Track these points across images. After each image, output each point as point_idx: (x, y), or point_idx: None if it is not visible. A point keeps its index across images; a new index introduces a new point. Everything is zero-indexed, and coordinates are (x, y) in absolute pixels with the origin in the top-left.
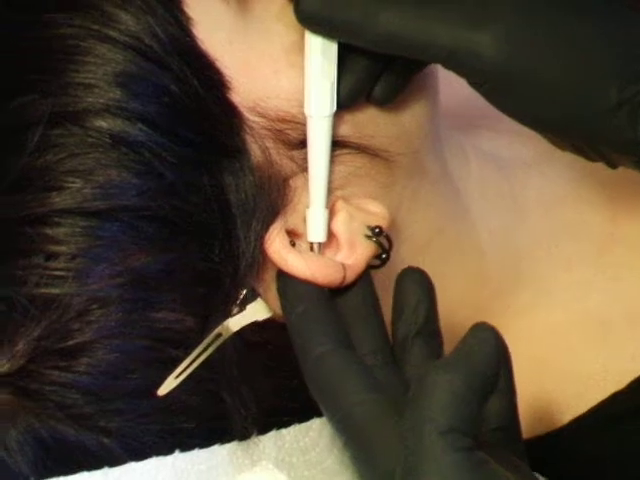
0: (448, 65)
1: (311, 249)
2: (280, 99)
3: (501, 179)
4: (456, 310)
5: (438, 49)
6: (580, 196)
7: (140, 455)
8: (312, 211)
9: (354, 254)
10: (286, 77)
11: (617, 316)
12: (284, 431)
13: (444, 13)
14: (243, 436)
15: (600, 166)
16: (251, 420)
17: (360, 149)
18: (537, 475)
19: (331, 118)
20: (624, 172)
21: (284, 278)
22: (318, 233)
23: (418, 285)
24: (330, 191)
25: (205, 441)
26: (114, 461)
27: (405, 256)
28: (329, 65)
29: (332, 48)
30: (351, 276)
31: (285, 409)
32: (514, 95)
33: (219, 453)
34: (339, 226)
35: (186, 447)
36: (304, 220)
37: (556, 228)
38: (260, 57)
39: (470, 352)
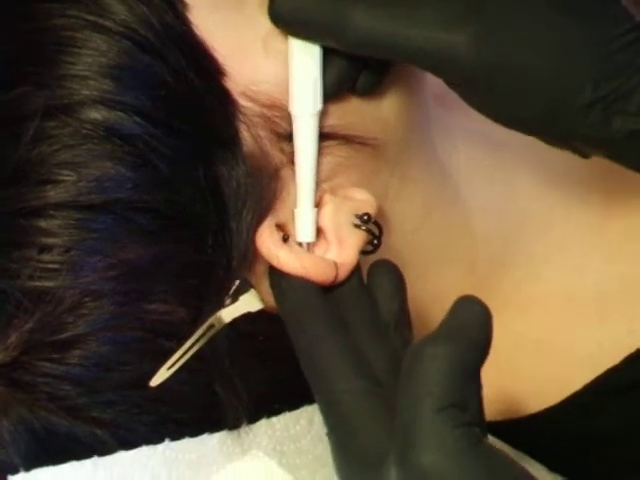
0: (423, 67)
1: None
2: (270, 84)
3: (492, 159)
4: (447, 292)
5: (412, 51)
6: (574, 176)
7: (130, 444)
8: (300, 211)
9: (344, 250)
10: (276, 61)
11: (612, 294)
12: (274, 419)
13: (417, 12)
14: (234, 425)
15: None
16: (243, 410)
17: (346, 140)
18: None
19: (316, 116)
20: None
21: (276, 273)
22: (307, 233)
23: (390, 277)
24: (317, 185)
25: (195, 430)
26: (104, 450)
27: (395, 241)
28: (312, 63)
29: (314, 46)
30: (344, 273)
31: (276, 397)
32: (489, 95)
33: (209, 442)
34: (326, 221)
35: (176, 436)
36: (293, 214)
37: (549, 208)
38: (252, 40)
39: (464, 325)
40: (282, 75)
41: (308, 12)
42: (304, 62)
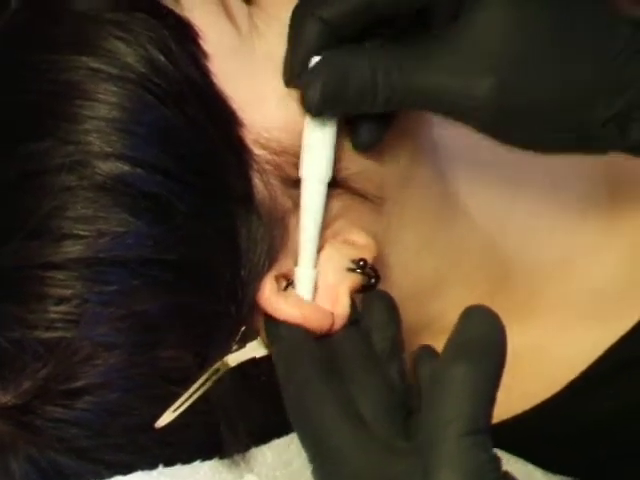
0: (450, 116)
1: None
2: (281, 130)
3: (491, 178)
4: (448, 312)
5: (441, 103)
6: (575, 192)
7: (125, 468)
8: (300, 271)
9: (331, 294)
10: (288, 107)
11: (615, 299)
12: (266, 446)
13: (440, 65)
14: (229, 455)
15: (597, 161)
16: (241, 443)
17: (349, 190)
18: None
19: (326, 184)
20: (621, 165)
21: (271, 320)
22: (306, 292)
23: (383, 307)
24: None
25: (189, 457)
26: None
27: (396, 272)
28: (329, 133)
29: (332, 119)
30: (339, 323)
31: (270, 427)
32: (508, 132)
33: (201, 469)
34: (323, 266)
35: (169, 462)
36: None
37: (551, 225)
38: (266, 85)
39: (480, 339)
40: (292, 120)
41: (341, 89)
42: (320, 132)
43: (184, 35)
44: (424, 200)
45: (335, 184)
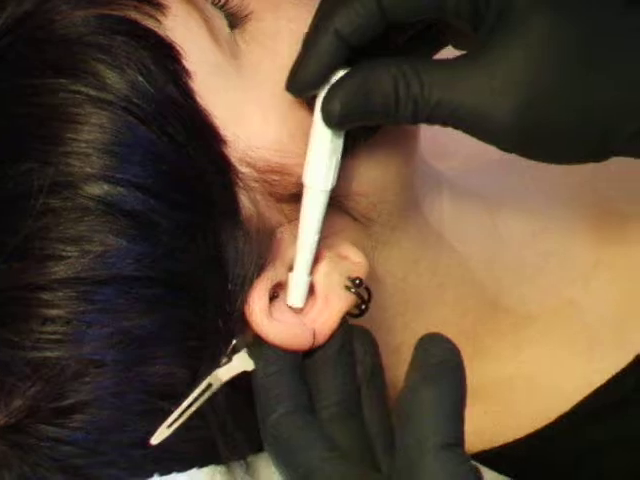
0: (470, 134)
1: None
2: (268, 149)
3: (481, 210)
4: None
5: (461, 121)
6: (564, 224)
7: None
8: (295, 276)
9: (328, 311)
10: (276, 127)
11: (603, 334)
12: (263, 454)
13: (467, 83)
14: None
15: (583, 191)
16: (238, 453)
17: (342, 208)
18: None
19: (328, 193)
20: (607, 196)
21: (256, 340)
22: (297, 299)
23: (362, 341)
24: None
25: (184, 465)
26: None
27: (384, 290)
28: (336, 141)
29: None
30: (322, 338)
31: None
32: (534, 149)
33: (197, 476)
34: (319, 278)
35: (165, 470)
36: (289, 271)
37: (540, 256)
38: (251, 104)
39: (444, 363)
40: (281, 139)
41: (363, 103)
42: (329, 141)
43: (165, 55)
44: (409, 227)
45: (332, 201)
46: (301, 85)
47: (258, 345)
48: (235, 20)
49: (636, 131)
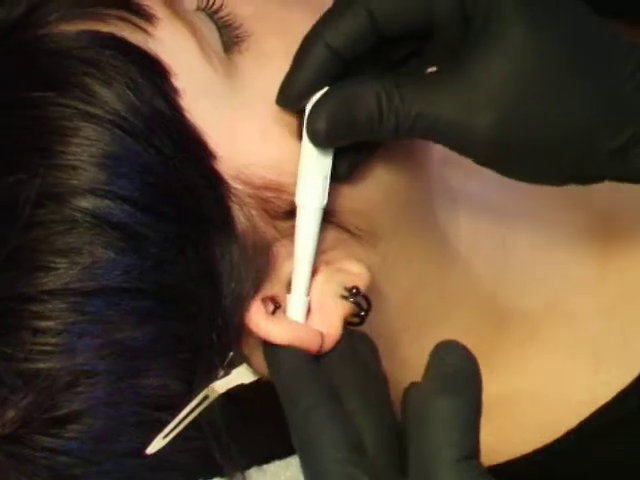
0: (448, 146)
1: None
2: (265, 167)
3: (491, 222)
4: None
5: (441, 135)
6: (573, 235)
7: None
8: (293, 298)
9: (326, 320)
10: (273, 145)
11: (610, 343)
12: (265, 467)
13: (446, 99)
14: (227, 475)
15: (591, 203)
16: (237, 465)
17: (340, 226)
18: None
19: (322, 210)
20: (614, 207)
21: (268, 345)
22: (298, 315)
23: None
24: (313, 264)
25: (187, 476)
26: None
27: (390, 305)
28: (325, 161)
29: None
30: (329, 342)
31: (267, 449)
32: (513, 166)
33: None
34: (314, 290)
35: None
36: (286, 286)
37: (548, 270)
38: (246, 123)
39: (459, 372)
40: (278, 158)
41: (348, 120)
42: (317, 159)
43: (152, 71)
44: (419, 238)
45: (328, 217)
46: (289, 98)
47: (270, 351)
48: (230, 37)
49: (616, 148)
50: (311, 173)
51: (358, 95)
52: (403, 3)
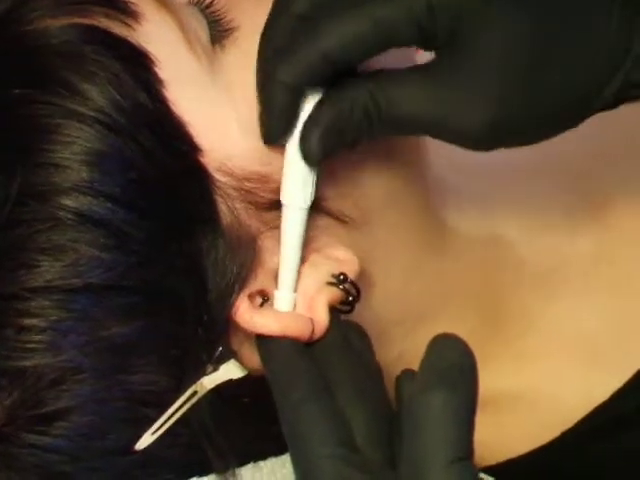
0: (443, 140)
1: None
2: (247, 158)
3: (481, 214)
4: None
5: (436, 131)
6: (566, 226)
7: None
8: (280, 294)
9: (312, 307)
10: (254, 136)
11: (604, 344)
12: (262, 463)
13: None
14: (221, 471)
15: (587, 190)
16: (229, 461)
17: (328, 213)
18: None
19: (306, 210)
20: (609, 194)
21: (260, 337)
22: (285, 309)
23: (355, 337)
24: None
25: (182, 473)
26: None
27: (382, 296)
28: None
29: None
30: (319, 330)
31: (262, 446)
32: (507, 141)
33: None
34: (301, 280)
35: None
36: (272, 278)
37: (542, 261)
38: (229, 114)
39: (454, 367)
40: (259, 149)
41: (339, 133)
42: (301, 161)
43: (137, 63)
44: (411, 227)
45: (314, 207)
46: (273, 137)
47: (261, 343)
48: (219, 32)
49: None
50: (296, 173)
51: (348, 110)
52: (357, 44)
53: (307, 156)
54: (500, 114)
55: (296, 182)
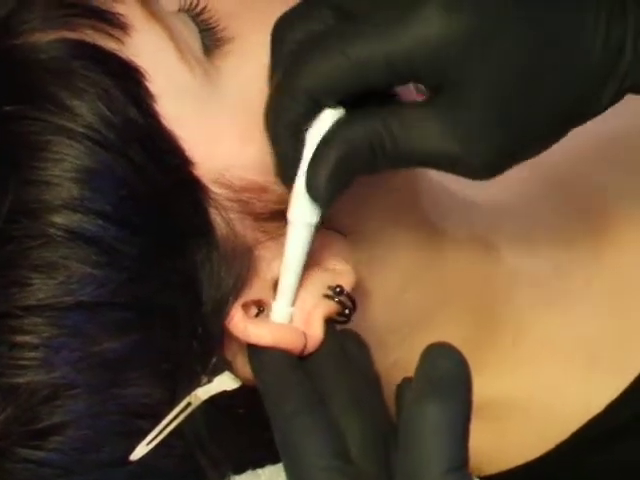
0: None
1: None
2: (245, 168)
3: (482, 225)
4: None
5: (441, 165)
6: (563, 235)
7: None
8: (278, 305)
9: (306, 319)
10: (253, 145)
11: (601, 351)
12: (260, 471)
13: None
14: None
15: (583, 198)
16: (225, 471)
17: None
18: None
19: (312, 227)
20: (607, 203)
21: (252, 348)
22: (281, 320)
23: (353, 346)
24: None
25: None
26: None
27: (378, 305)
28: None
29: None
30: (312, 343)
31: (259, 454)
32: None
33: None
34: (299, 294)
35: None
36: (269, 288)
37: (537, 270)
38: (225, 124)
39: (449, 377)
40: (258, 158)
41: (346, 176)
42: None
43: (127, 78)
44: (409, 239)
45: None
46: (289, 178)
47: (253, 354)
48: (212, 40)
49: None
50: (303, 191)
51: (355, 150)
52: (335, 82)
53: (316, 196)
54: (505, 142)
55: (303, 200)
